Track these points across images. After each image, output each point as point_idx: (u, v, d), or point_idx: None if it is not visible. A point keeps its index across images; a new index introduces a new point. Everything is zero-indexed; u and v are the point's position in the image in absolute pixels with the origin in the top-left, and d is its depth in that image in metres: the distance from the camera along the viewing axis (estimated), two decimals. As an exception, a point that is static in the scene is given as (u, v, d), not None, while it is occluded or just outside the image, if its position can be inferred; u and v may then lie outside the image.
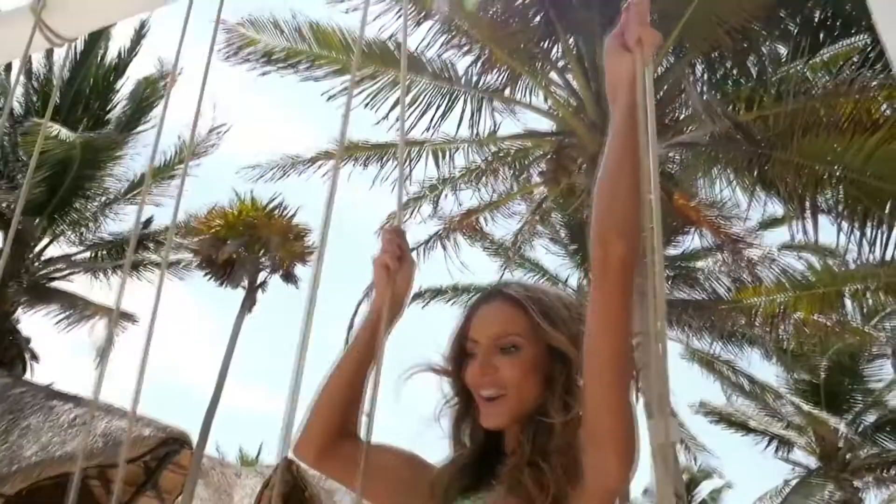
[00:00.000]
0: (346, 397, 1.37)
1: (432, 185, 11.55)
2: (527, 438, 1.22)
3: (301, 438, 1.38)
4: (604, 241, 1.08)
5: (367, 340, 1.36)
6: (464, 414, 1.34)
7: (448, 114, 10.57)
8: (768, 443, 18.07)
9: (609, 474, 1.10)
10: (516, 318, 1.28)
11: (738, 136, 8.89)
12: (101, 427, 7.78)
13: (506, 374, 1.24)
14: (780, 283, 11.16)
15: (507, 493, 1.18)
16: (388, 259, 1.35)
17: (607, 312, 1.10)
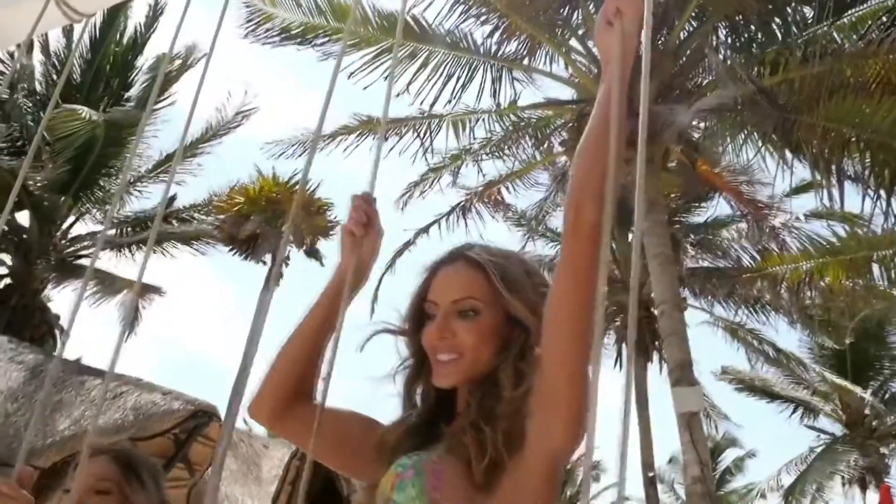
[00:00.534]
0: (303, 360, 1.36)
1: (453, 155, 11.51)
2: (475, 400, 1.20)
3: (255, 399, 1.38)
4: (578, 207, 1.08)
5: (329, 305, 1.35)
6: (417, 374, 1.33)
7: (468, 85, 10.49)
8: (793, 410, 18.01)
9: (553, 439, 1.09)
10: (477, 283, 1.26)
11: (763, 101, 8.74)
12: (132, 401, 7.91)
13: (463, 338, 1.23)
14: (805, 249, 11.03)
15: (447, 453, 1.17)
16: (354, 226, 1.34)
17: (574, 278, 1.08)
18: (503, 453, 1.12)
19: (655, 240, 8.96)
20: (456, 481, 1.13)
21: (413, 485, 1.13)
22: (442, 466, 1.15)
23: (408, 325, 1.33)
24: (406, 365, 1.34)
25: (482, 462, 1.12)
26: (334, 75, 1.24)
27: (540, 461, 1.10)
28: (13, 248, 13.25)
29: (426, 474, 1.14)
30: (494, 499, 1.11)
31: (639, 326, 13.79)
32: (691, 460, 7.61)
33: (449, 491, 1.12)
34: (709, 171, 11.17)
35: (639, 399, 14.23)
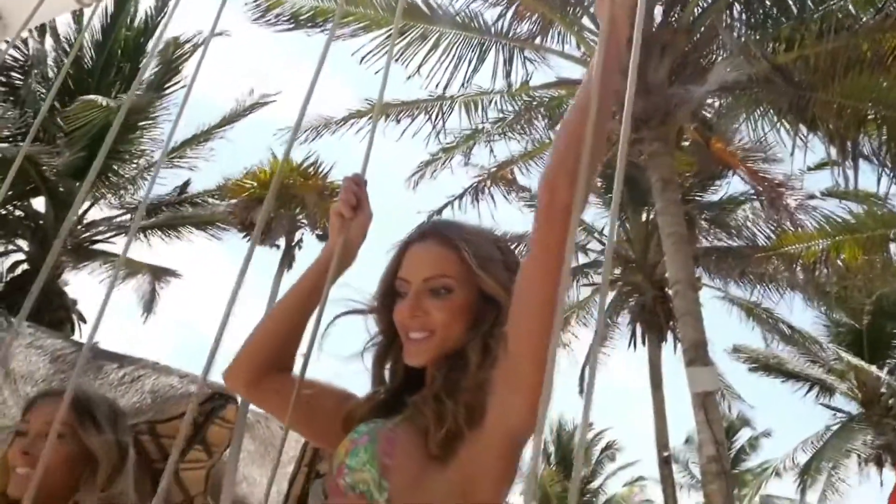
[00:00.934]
0: (282, 334, 1.37)
1: (465, 135, 11.47)
2: (440, 373, 1.20)
3: (231, 366, 1.39)
4: (552, 188, 1.06)
5: (313, 283, 1.35)
6: (386, 351, 1.33)
7: (479, 66, 10.44)
8: (809, 389, 17.95)
9: (514, 417, 1.08)
10: (449, 260, 1.25)
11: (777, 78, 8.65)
12: (149, 384, 7.99)
13: (435, 316, 1.23)
14: (821, 227, 10.95)
15: (404, 421, 1.18)
16: (342, 207, 1.34)
17: (544, 259, 1.08)
18: (462, 426, 1.12)
19: (669, 219, 8.92)
20: (410, 449, 1.13)
21: (365, 450, 1.14)
22: (396, 434, 1.15)
23: (378, 303, 1.32)
24: (375, 342, 1.33)
25: (439, 432, 1.12)
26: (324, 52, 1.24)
27: (498, 438, 1.10)
28: (30, 233, 13.36)
29: (379, 440, 1.14)
30: (448, 470, 1.11)
31: (653, 306, 13.78)
32: (706, 440, 7.61)
33: (401, 458, 1.12)
34: (723, 149, 11.08)
35: (653, 379, 14.23)
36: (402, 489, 1.10)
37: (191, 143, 14.45)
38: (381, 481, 1.11)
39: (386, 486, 1.10)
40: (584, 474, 24.67)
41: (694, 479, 23.90)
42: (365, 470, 1.12)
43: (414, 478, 1.11)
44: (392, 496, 1.10)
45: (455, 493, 1.10)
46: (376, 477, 1.11)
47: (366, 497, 1.11)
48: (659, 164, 9.24)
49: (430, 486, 1.11)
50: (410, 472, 1.12)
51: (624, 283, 15.40)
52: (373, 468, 1.12)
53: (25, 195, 12.98)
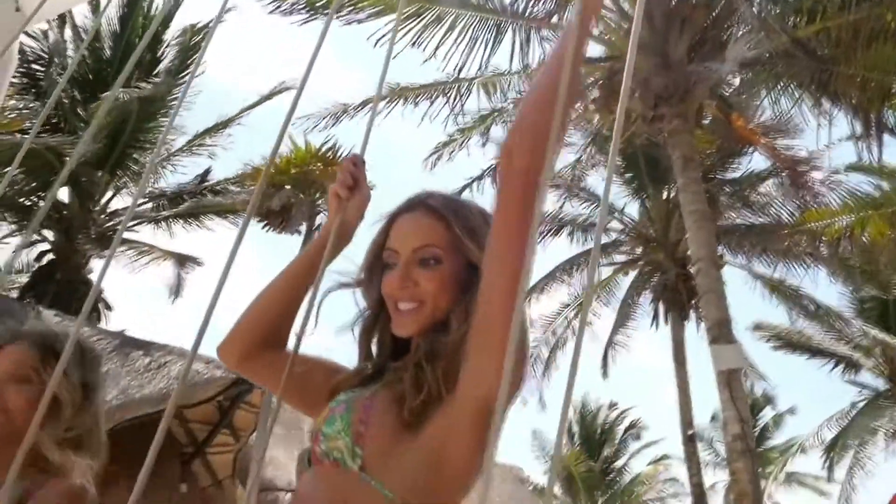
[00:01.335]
0: (277, 310, 1.38)
1: (482, 115, 11.43)
2: (424, 342, 1.21)
3: (226, 340, 1.40)
4: (509, 153, 1.06)
5: (309, 262, 1.37)
6: (373, 323, 1.33)
7: (496, 47, 10.38)
8: (834, 365, 17.81)
9: (485, 384, 1.08)
10: (438, 231, 1.25)
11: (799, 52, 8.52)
12: (175, 370, 8.09)
13: (425, 287, 1.23)
14: (846, 203, 10.81)
15: (382, 388, 1.19)
16: (339, 188, 1.36)
17: (505, 225, 1.07)
18: (436, 393, 1.13)
19: (691, 196, 8.86)
20: (384, 417, 1.14)
21: (341, 418, 1.15)
22: (372, 402, 1.16)
23: (365, 274, 1.33)
24: (364, 315, 1.33)
25: (414, 400, 1.13)
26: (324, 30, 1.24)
27: (470, 405, 1.10)
28: (55, 224, 13.52)
29: (355, 409, 1.15)
30: (422, 437, 1.12)
31: (675, 284, 13.71)
32: (731, 417, 7.59)
33: (375, 425, 1.13)
34: (744, 126, 10.96)
35: (677, 357, 14.19)
36: (376, 456, 1.11)
37: (210, 132, 14.53)
38: (355, 448, 1.11)
39: (359, 454, 1.11)
40: (606, 453, 24.69)
41: (719, 458, 23.85)
42: (339, 437, 1.13)
43: (387, 445, 1.12)
44: (365, 463, 1.11)
45: (428, 460, 1.11)
46: (349, 444, 1.12)
47: (340, 464, 1.12)
48: (679, 141, 9.17)
49: (404, 452, 1.11)
50: (384, 440, 1.12)
51: (646, 262, 15.33)
52: (346, 436, 1.13)
53: (49, 186, 13.14)
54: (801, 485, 25.24)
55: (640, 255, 15.46)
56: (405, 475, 1.10)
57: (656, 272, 14.95)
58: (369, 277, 1.31)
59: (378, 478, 1.10)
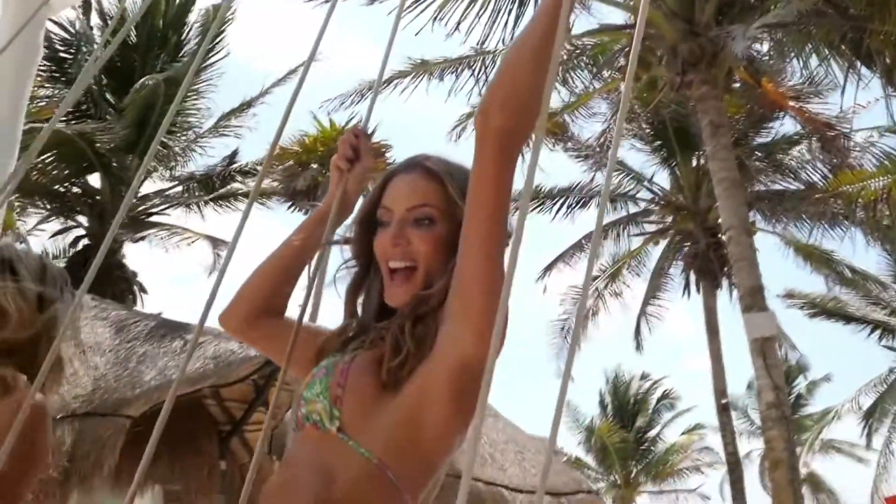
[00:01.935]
0: (276, 279, 1.40)
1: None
2: (410, 307, 1.21)
3: (227, 308, 1.43)
4: (485, 112, 1.06)
5: (309, 232, 1.39)
6: (361, 281, 1.32)
7: (521, 17, 10.28)
8: (871, 331, 17.56)
9: (462, 347, 1.08)
10: (433, 192, 1.25)
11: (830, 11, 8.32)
12: (211, 350, 8.22)
13: (418, 247, 1.23)
14: (881, 165, 10.60)
15: (363, 350, 1.20)
16: (339, 160, 1.37)
17: (480, 186, 1.08)
18: (413, 355, 1.13)
19: (720, 164, 8.74)
20: (363, 378, 1.15)
21: (320, 382, 1.17)
22: (350, 365, 1.17)
23: (356, 229, 1.33)
24: (349, 267, 1.33)
25: (392, 362, 1.13)
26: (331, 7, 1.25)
27: (447, 368, 1.10)
28: (88, 209, 13.73)
29: (335, 372, 1.17)
30: (399, 398, 1.12)
31: (706, 253, 13.58)
32: (765, 386, 7.54)
33: (352, 387, 1.14)
34: (774, 90, 10.76)
35: (709, 326, 14.09)
36: (353, 416, 1.12)
37: (235, 112, 14.59)
38: (332, 410, 1.13)
39: (336, 415, 1.12)
40: (639, 424, 24.68)
41: (754, 426, 23.74)
42: (318, 400, 1.15)
43: (364, 406, 1.13)
44: (343, 424, 1.12)
45: (405, 421, 1.12)
46: (327, 406, 1.13)
47: (318, 426, 1.14)
48: (708, 107, 9.03)
49: (381, 414, 1.12)
50: (361, 401, 1.13)
51: (676, 232, 15.18)
52: (324, 398, 1.14)
53: (81, 172, 13.32)
54: (838, 451, 25.07)
55: (669, 224, 15.31)
56: (382, 434, 1.11)
57: (687, 241, 14.81)
58: (360, 232, 1.32)
59: (355, 437, 1.11)
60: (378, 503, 1.11)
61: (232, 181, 14.86)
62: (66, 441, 6.87)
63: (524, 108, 1.04)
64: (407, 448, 1.12)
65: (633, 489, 23.64)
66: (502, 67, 1.09)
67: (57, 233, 14.40)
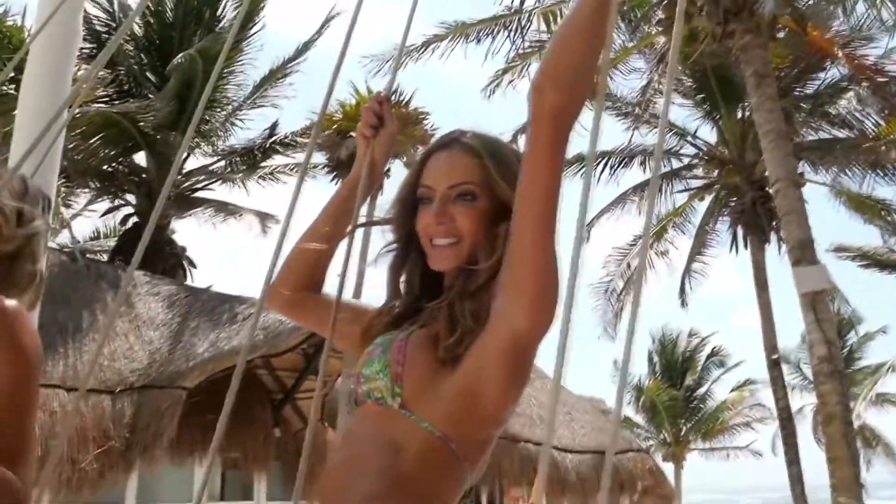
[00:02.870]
0: (314, 255, 1.43)
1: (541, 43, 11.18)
2: (459, 283, 1.23)
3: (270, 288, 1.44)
4: (539, 90, 1.06)
5: (341, 204, 1.41)
6: (402, 261, 1.34)
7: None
8: (928, 281, 17.08)
9: (515, 320, 1.09)
10: (473, 168, 1.26)
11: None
12: (260, 321, 8.38)
13: (461, 223, 1.24)
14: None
15: (418, 329, 1.22)
16: (364, 128, 1.39)
17: (535, 163, 1.08)
18: (469, 331, 1.15)
19: (766, 115, 8.52)
20: (420, 356, 1.17)
21: (378, 360, 1.20)
22: (407, 342, 1.20)
23: (397, 208, 1.34)
24: (391, 249, 1.35)
25: (449, 339, 1.16)
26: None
27: (501, 342, 1.11)
28: (135, 187, 14.00)
29: (392, 350, 1.19)
30: (456, 374, 1.14)
31: (753, 207, 13.32)
32: (817, 340, 7.42)
33: (411, 364, 1.17)
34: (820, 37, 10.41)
35: (758, 281, 13.87)
36: (414, 393, 1.15)
37: (270, 80, 14.63)
38: (394, 387, 1.16)
39: (398, 392, 1.16)
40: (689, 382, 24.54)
41: (806, 380, 23.44)
42: (378, 378, 1.18)
43: (424, 382, 1.16)
44: (404, 400, 1.15)
45: (463, 396, 1.14)
46: (388, 384, 1.17)
47: (380, 403, 1.18)
48: (752, 57, 8.78)
49: (440, 388, 1.15)
50: (421, 378, 1.16)
51: (722, 186, 14.91)
52: (385, 376, 1.17)
53: (127, 151, 13.56)
54: (893, 404, 24.67)
55: (715, 179, 15.03)
56: (443, 408, 1.14)
57: (733, 196, 14.53)
58: (401, 212, 1.33)
59: (417, 412, 1.15)
60: (442, 473, 1.15)
61: (273, 153, 14.99)
62: (126, 413, 7.10)
63: (577, 84, 1.05)
64: (466, 420, 1.15)
65: (684, 447, 23.59)
66: (554, 44, 1.09)
67: (107, 212, 14.75)
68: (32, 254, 1.46)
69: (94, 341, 7.74)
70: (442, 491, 1.16)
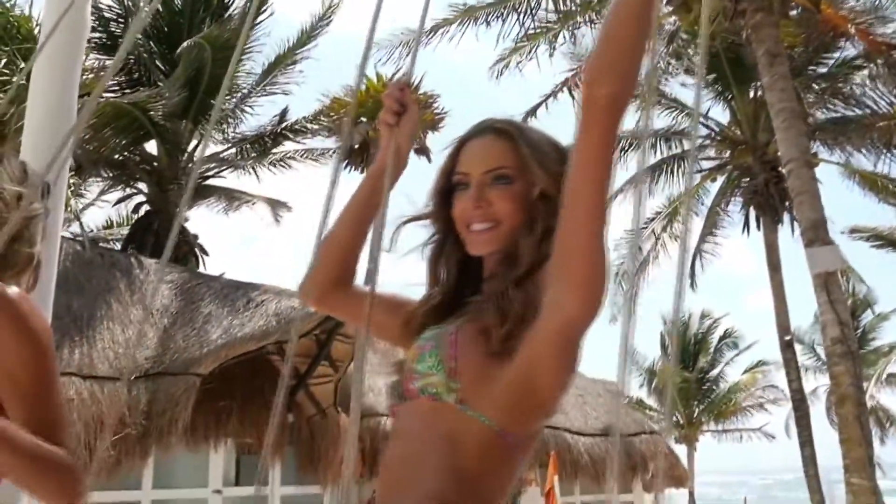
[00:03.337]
0: (344, 247, 1.44)
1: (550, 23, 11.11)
2: (502, 270, 1.23)
3: (303, 284, 1.47)
4: (592, 82, 1.06)
5: (369, 192, 1.41)
6: (441, 249, 1.36)
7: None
8: (943, 260, 16.96)
9: (566, 310, 1.10)
10: (508, 152, 1.27)
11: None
12: (272, 307, 8.42)
13: (499, 206, 1.25)
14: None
15: (466, 322, 1.22)
16: (387, 116, 1.38)
17: (588, 154, 1.08)
18: (521, 323, 1.15)
19: (778, 94, 8.44)
20: (473, 349, 1.18)
21: (431, 355, 1.20)
22: (458, 336, 1.20)
23: (435, 199, 1.35)
24: (432, 241, 1.37)
25: (500, 331, 1.16)
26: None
27: (554, 332, 1.12)
28: (146, 175, 14.04)
29: (445, 344, 1.19)
30: (510, 365, 1.14)
31: (766, 188, 13.24)
32: (830, 321, 7.39)
33: (465, 359, 1.17)
34: (834, 13, 10.28)
35: (770, 263, 13.80)
36: (470, 387, 1.16)
37: (279, 66, 14.60)
38: (450, 383, 1.17)
39: (454, 387, 1.16)
40: (702, 363, 24.49)
41: (820, 361, 23.35)
42: (433, 374, 1.18)
43: (479, 377, 1.16)
44: (461, 395, 1.16)
45: (518, 388, 1.15)
46: (444, 379, 1.17)
47: (436, 398, 1.18)
48: (764, 36, 8.69)
49: (494, 382, 1.15)
50: (475, 372, 1.17)
51: (734, 167, 14.81)
52: (440, 371, 1.18)
53: (139, 140, 13.59)
54: (908, 384, 24.56)
55: (727, 159, 14.93)
56: (499, 401, 1.15)
57: (745, 176, 14.44)
58: (438, 202, 1.34)
59: (474, 407, 1.16)
60: (500, 467, 1.17)
61: (284, 139, 14.98)
62: (141, 400, 7.17)
63: (629, 73, 1.05)
64: (522, 412, 1.17)
65: (696, 429, 23.60)
66: (604, 34, 1.09)
67: (119, 201, 14.82)
68: (30, 237, 1.47)
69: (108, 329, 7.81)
70: (500, 485, 1.18)
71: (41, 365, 1.38)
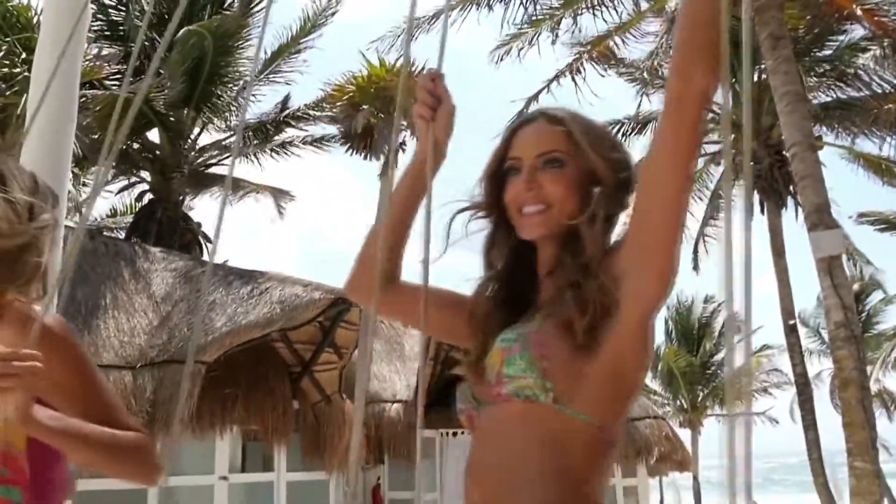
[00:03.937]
0: (391, 243, 1.42)
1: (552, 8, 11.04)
2: (567, 257, 1.23)
3: (350, 281, 1.46)
4: (686, 77, 1.06)
5: (410, 188, 1.40)
6: (494, 237, 1.36)
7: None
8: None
9: (649, 301, 1.13)
10: (559, 137, 1.28)
11: None
12: (276, 295, 8.43)
13: (550, 189, 1.26)
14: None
15: (545, 319, 1.21)
16: (422, 110, 1.36)
17: (677, 146, 1.09)
18: (602, 311, 1.15)
19: (781, 78, 8.38)
20: (560, 346, 1.17)
21: (521, 357, 1.18)
22: (544, 336, 1.19)
23: (486, 183, 1.35)
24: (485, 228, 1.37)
25: (583, 321, 1.15)
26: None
27: (635, 320, 1.14)
28: (149, 164, 14.04)
29: (532, 345, 1.18)
30: (595, 360, 1.15)
31: (769, 171, 13.20)
32: (834, 305, 7.37)
33: (555, 357, 1.16)
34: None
35: (774, 247, 13.77)
36: (564, 386, 1.15)
37: (282, 55, 14.55)
38: (545, 383, 1.15)
39: (550, 387, 1.15)
40: (708, 347, 24.51)
41: (824, 345, 23.34)
42: (526, 376, 1.17)
43: (571, 373, 1.16)
44: (557, 395, 1.15)
45: (609, 380, 1.15)
46: (539, 381, 1.16)
47: (532, 400, 1.16)
48: (768, 18, 8.62)
49: (587, 378, 1.15)
50: (567, 370, 1.16)
51: (737, 151, 14.74)
52: (533, 373, 1.16)
53: (141, 129, 13.58)
54: (912, 368, 24.53)
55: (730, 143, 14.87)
56: (593, 397, 1.15)
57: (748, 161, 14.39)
58: (489, 186, 1.35)
59: (571, 406, 1.15)
60: (603, 462, 1.18)
61: (286, 126, 14.96)
62: (147, 388, 7.20)
63: (717, 65, 1.05)
64: (615, 403, 1.18)
65: (700, 413, 23.64)
66: (689, 28, 1.08)
67: (122, 189, 14.83)
68: (39, 247, 1.48)
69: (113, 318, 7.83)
70: (601, 483, 1.19)
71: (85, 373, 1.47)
